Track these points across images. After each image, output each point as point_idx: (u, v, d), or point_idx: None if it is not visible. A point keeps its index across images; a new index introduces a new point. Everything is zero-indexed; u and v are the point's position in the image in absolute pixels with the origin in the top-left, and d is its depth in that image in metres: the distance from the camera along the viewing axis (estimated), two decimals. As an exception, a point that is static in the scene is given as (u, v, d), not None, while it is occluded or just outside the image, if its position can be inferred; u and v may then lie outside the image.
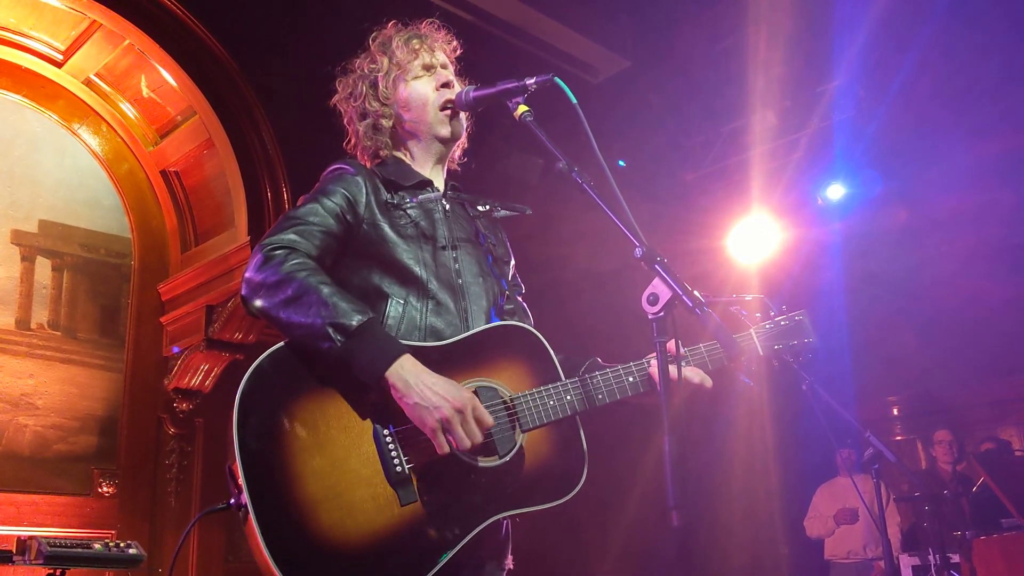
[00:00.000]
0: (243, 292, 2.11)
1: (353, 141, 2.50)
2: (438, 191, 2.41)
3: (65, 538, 3.88)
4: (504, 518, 2.09)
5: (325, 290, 2.01)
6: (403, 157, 2.45)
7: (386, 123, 2.41)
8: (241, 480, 1.90)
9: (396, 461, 2.01)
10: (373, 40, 2.49)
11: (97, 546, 3.82)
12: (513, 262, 2.57)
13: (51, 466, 5.28)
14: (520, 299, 2.56)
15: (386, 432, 2.03)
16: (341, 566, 1.94)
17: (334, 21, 5.69)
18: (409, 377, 1.97)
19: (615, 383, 2.24)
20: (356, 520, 1.96)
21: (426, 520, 2.00)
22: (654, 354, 2.30)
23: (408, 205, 2.30)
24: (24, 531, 4.81)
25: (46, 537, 3.75)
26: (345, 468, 1.98)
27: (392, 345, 2.01)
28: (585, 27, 6.90)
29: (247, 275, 2.09)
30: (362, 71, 2.45)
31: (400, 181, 2.34)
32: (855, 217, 7.46)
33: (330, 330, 1.96)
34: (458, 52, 2.53)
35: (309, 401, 2.02)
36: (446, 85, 2.41)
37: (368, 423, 2.04)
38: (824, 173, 7.48)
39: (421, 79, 2.41)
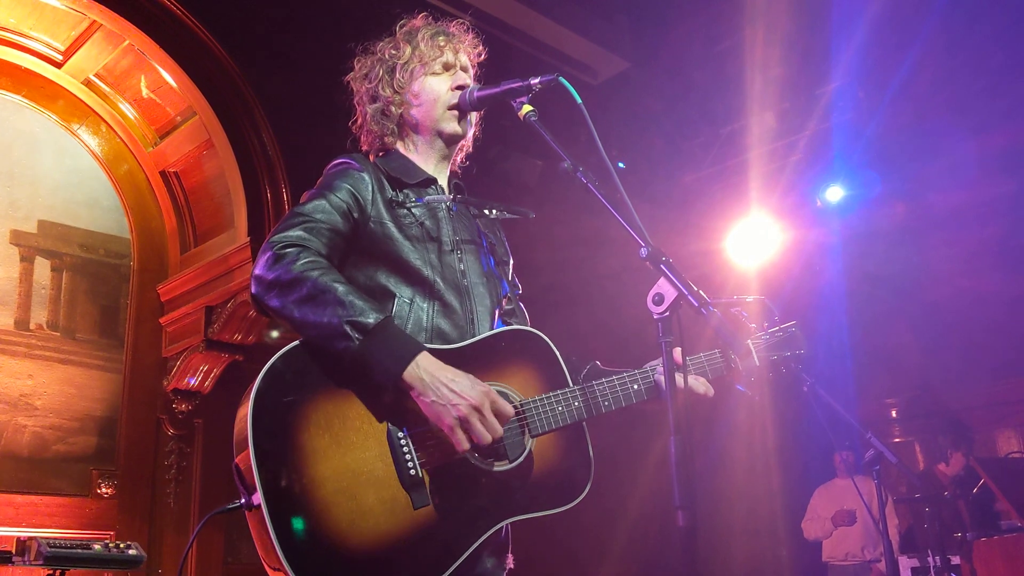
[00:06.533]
0: (254, 290, 2.07)
1: (359, 122, 2.47)
2: (442, 190, 2.40)
3: (65, 539, 3.87)
4: (513, 522, 2.09)
5: (340, 288, 1.98)
6: (406, 151, 2.43)
7: (395, 110, 2.40)
8: (256, 479, 1.88)
9: (410, 464, 2.00)
10: (401, 27, 2.47)
11: (97, 547, 3.81)
12: (512, 262, 2.57)
13: (50, 467, 5.27)
14: (518, 300, 2.56)
15: (400, 434, 2.02)
16: (352, 567, 1.93)
17: (335, 22, 5.68)
18: (426, 376, 1.96)
19: (620, 390, 2.25)
20: (368, 522, 1.95)
21: (438, 524, 2.00)
22: (656, 361, 2.30)
23: (413, 204, 2.28)
24: (23, 532, 4.80)
25: (46, 538, 3.74)
26: (359, 470, 1.97)
27: (410, 343, 2.00)
28: (583, 28, 6.89)
29: (257, 272, 2.05)
30: (382, 55, 2.43)
31: (405, 178, 2.32)
32: (855, 218, 7.46)
33: (347, 328, 1.94)
34: (482, 57, 2.52)
35: (323, 401, 2.01)
36: (461, 87, 2.39)
37: (382, 425, 2.02)
38: (823, 175, 7.48)
39: (438, 76, 2.40)
